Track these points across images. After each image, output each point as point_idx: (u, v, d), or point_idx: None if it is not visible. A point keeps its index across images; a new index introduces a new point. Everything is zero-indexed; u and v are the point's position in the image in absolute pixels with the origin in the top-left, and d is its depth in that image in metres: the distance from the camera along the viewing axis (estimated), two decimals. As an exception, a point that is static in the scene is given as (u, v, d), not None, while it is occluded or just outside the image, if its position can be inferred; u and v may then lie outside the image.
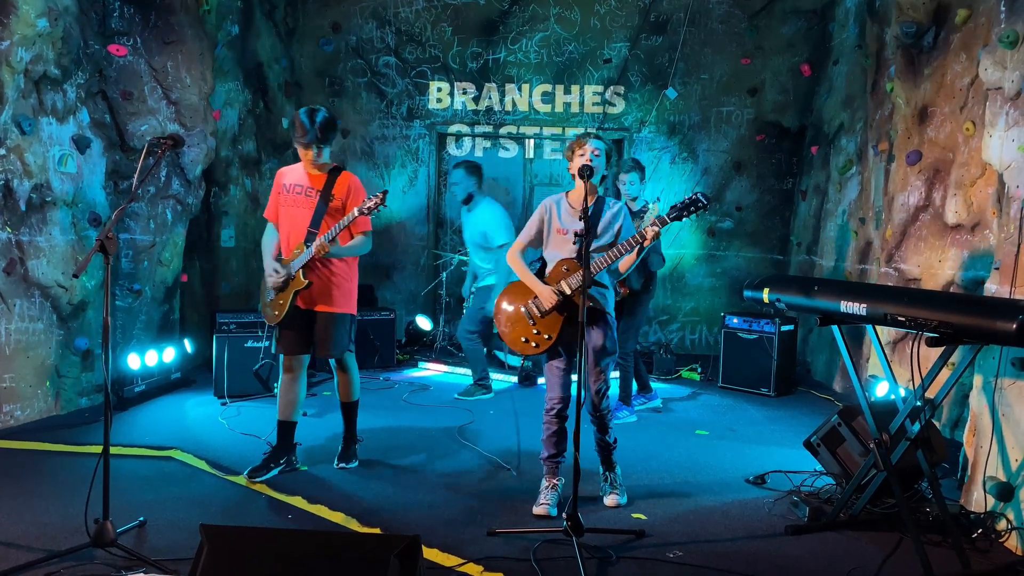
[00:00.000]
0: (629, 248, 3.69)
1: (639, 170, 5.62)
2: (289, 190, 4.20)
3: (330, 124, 4.08)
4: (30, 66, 4.87)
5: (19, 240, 4.94)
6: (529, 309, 3.86)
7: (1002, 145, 3.84)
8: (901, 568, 3.21)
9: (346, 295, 4.25)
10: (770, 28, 8.08)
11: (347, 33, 8.33)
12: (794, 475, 4.32)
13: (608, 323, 3.89)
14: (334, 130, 4.14)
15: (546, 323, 3.83)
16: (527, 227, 4.00)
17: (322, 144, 4.06)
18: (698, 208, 3.63)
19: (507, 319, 3.95)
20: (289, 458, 4.29)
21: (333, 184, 4.14)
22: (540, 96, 8.38)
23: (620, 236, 3.87)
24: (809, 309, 3.84)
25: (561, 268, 3.82)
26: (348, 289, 4.26)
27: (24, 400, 5.04)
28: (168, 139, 3.49)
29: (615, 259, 3.72)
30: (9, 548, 3.19)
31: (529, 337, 3.87)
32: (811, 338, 7.59)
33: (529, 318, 3.86)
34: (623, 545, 3.42)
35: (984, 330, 2.92)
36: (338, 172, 4.20)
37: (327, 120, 4.06)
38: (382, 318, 7.34)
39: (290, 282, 4.10)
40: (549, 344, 3.83)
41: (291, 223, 4.18)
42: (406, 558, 2.37)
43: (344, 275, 4.23)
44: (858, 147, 6.72)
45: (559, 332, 3.81)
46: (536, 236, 3.97)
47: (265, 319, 4.35)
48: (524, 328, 3.88)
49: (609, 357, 3.90)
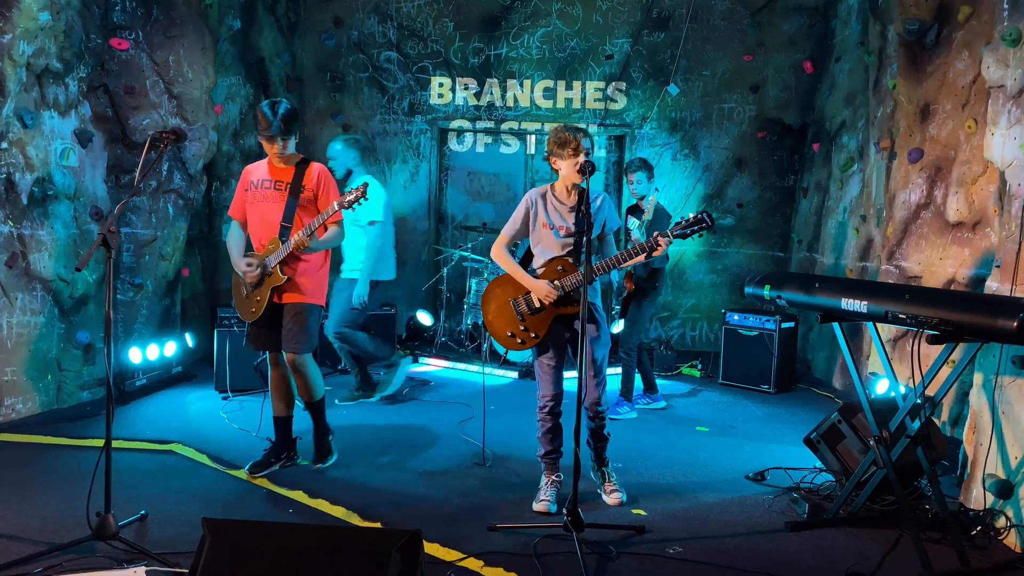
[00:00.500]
0: (633, 255, 3.67)
1: (646, 169, 5.64)
2: (257, 185, 4.12)
3: (293, 115, 4.01)
4: (32, 59, 4.87)
5: (21, 233, 4.95)
6: (519, 304, 3.84)
7: (1004, 143, 3.84)
8: (900, 565, 3.22)
9: (314, 284, 4.16)
10: (772, 25, 8.07)
11: (349, 28, 8.32)
12: (794, 472, 4.33)
13: (598, 313, 3.88)
14: (297, 121, 4.07)
15: (535, 321, 3.81)
16: (511, 221, 3.93)
17: (286, 136, 3.98)
18: (703, 228, 3.59)
19: (495, 309, 3.91)
20: (289, 453, 4.29)
21: (302, 176, 4.08)
22: (542, 92, 8.38)
23: (606, 227, 3.87)
24: (810, 306, 3.84)
25: (555, 267, 3.78)
26: (319, 280, 4.19)
27: (26, 393, 5.05)
28: (170, 133, 3.51)
29: (616, 265, 3.69)
30: (11, 541, 3.20)
31: (515, 332, 3.84)
32: (811, 335, 7.59)
33: (518, 313, 3.84)
34: (623, 541, 3.43)
35: (985, 328, 2.92)
36: (306, 164, 4.14)
37: (289, 111, 3.99)
38: (383, 313, 7.34)
39: (266, 278, 4.04)
40: (535, 342, 3.81)
41: (261, 219, 4.09)
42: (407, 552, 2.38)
43: (316, 264, 4.16)
44: (860, 144, 6.72)
45: (547, 330, 3.80)
46: (521, 229, 3.91)
47: (242, 317, 4.24)
48: (511, 322, 3.85)
49: (603, 348, 3.89)
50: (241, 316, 4.24)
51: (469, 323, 7.54)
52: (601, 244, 3.92)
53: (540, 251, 3.87)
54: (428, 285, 8.33)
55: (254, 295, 4.10)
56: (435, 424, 5.27)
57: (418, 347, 7.89)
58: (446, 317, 8.03)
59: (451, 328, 8.15)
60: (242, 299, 4.19)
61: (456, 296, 8.21)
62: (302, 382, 4.20)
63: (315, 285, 4.15)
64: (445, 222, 8.78)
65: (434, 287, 8.23)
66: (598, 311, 3.88)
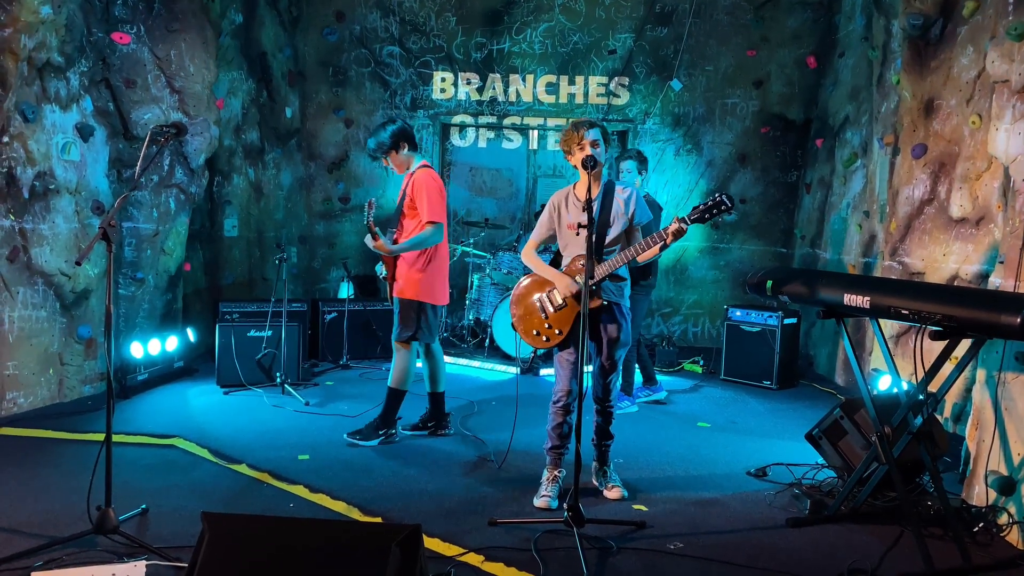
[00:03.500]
0: (648, 246, 3.63)
1: (638, 159, 5.61)
2: None
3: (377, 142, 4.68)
4: (33, 53, 4.86)
5: (22, 228, 4.94)
6: (543, 302, 3.85)
7: (1008, 138, 3.82)
8: (902, 561, 3.21)
9: (408, 282, 4.64)
10: (776, 20, 8.04)
11: (351, 22, 8.30)
12: (796, 468, 4.32)
13: (623, 315, 3.87)
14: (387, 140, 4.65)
15: (558, 317, 3.81)
16: (538, 227, 3.98)
17: (385, 154, 4.62)
18: (721, 211, 3.47)
19: (522, 312, 3.94)
20: (439, 421, 4.91)
21: (408, 184, 4.64)
22: (544, 87, 8.36)
23: (634, 221, 3.83)
24: (812, 302, 3.83)
25: (578, 263, 3.79)
26: (409, 275, 4.64)
27: (27, 387, 5.06)
28: (171, 128, 3.49)
29: (633, 256, 3.66)
30: (12, 534, 3.21)
31: (540, 330, 3.86)
32: (813, 331, 7.58)
33: (542, 311, 3.85)
34: (624, 536, 3.43)
35: (988, 324, 2.91)
36: (412, 174, 4.65)
37: (374, 140, 4.68)
38: (385, 308, 7.34)
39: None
40: (560, 339, 3.82)
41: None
42: (407, 547, 2.37)
43: (407, 263, 4.64)
44: (863, 140, 6.70)
45: (571, 327, 3.80)
46: (548, 235, 3.96)
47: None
48: (536, 321, 3.87)
49: (623, 349, 3.89)
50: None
51: (471, 318, 7.53)
52: (629, 239, 3.87)
53: (568, 253, 3.89)
54: (430, 280, 8.31)
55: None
56: (436, 419, 5.26)
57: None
58: (448, 313, 8.02)
59: (453, 324, 8.14)
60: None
61: (458, 292, 8.19)
62: (394, 367, 4.66)
63: (408, 283, 4.59)
64: (447, 218, 8.76)
65: (436, 282, 8.21)
66: (623, 311, 3.87)
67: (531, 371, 6.79)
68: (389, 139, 4.58)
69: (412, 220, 4.56)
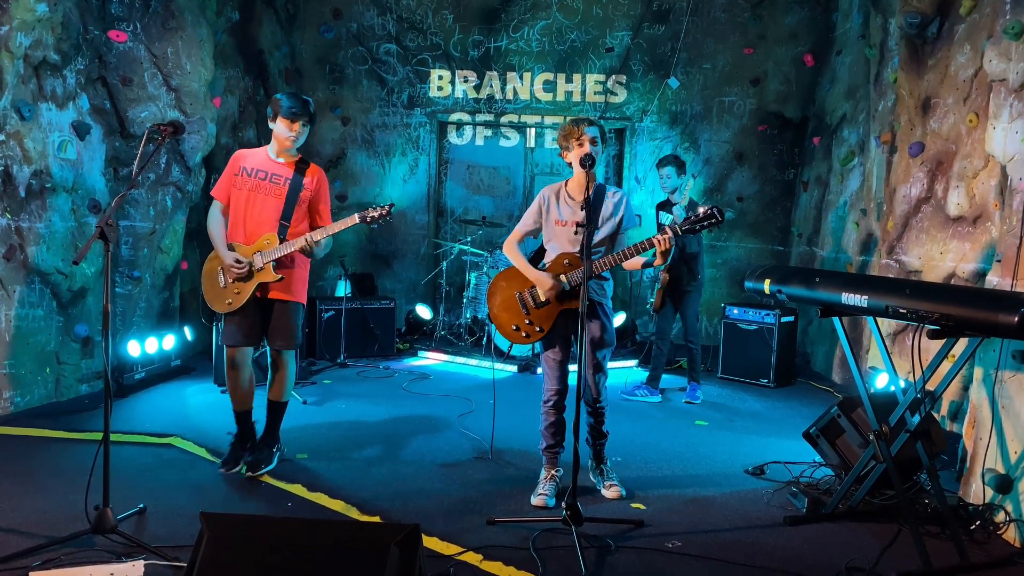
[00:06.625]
0: (635, 253, 3.62)
1: (676, 164, 5.70)
2: (251, 174, 3.97)
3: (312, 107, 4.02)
4: (29, 51, 4.85)
5: (19, 226, 4.93)
6: (524, 298, 3.84)
7: (1005, 137, 3.82)
8: (899, 559, 3.22)
9: (302, 283, 4.10)
10: (773, 18, 8.04)
11: (348, 20, 8.29)
12: (793, 466, 4.33)
13: (606, 314, 3.87)
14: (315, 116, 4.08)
15: (540, 314, 3.80)
16: (525, 218, 3.95)
17: (309, 123, 3.94)
18: (712, 225, 3.54)
19: (501, 303, 3.91)
20: (254, 440, 4.20)
21: (303, 175, 4.00)
22: (542, 84, 8.35)
23: (622, 225, 3.84)
24: (810, 300, 3.83)
25: (562, 261, 3.77)
26: (303, 277, 4.12)
27: (24, 386, 5.05)
28: (168, 126, 3.47)
29: (619, 262, 3.66)
30: (9, 534, 3.20)
31: (520, 326, 3.84)
32: (811, 329, 7.59)
33: (523, 307, 3.84)
34: (622, 535, 3.43)
35: (985, 323, 2.91)
36: (306, 164, 4.06)
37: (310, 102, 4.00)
38: (382, 307, 7.34)
39: (255, 273, 3.94)
40: (540, 336, 3.81)
41: (253, 210, 3.95)
42: (406, 546, 2.37)
43: (302, 264, 4.08)
44: (860, 138, 6.70)
45: (552, 325, 3.79)
46: (534, 227, 3.92)
47: (212, 306, 4.06)
48: (516, 316, 3.85)
49: (606, 348, 3.88)
50: (210, 305, 4.06)
51: (468, 317, 7.53)
52: (613, 243, 3.85)
53: (552, 248, 3.87)
54: (427, 279, 8.32)
55: (232, 287, 3.97)
56: (434, 418, 5.27)
57: (417, 341, 7.89)
58: (445, 311, 8.02)
59: (450, 322, 8.14)
60: (217, 289, 4.02)
61: (455, 290, 8.20)
62: (283, 375, 4.12)
63: (300, 283, 4.09)
64: (444, 215, 8.77)
65: (433, 281, 8.22)
66: (605, 311, 3.86)
67: (528, 369, 6.80)
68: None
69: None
